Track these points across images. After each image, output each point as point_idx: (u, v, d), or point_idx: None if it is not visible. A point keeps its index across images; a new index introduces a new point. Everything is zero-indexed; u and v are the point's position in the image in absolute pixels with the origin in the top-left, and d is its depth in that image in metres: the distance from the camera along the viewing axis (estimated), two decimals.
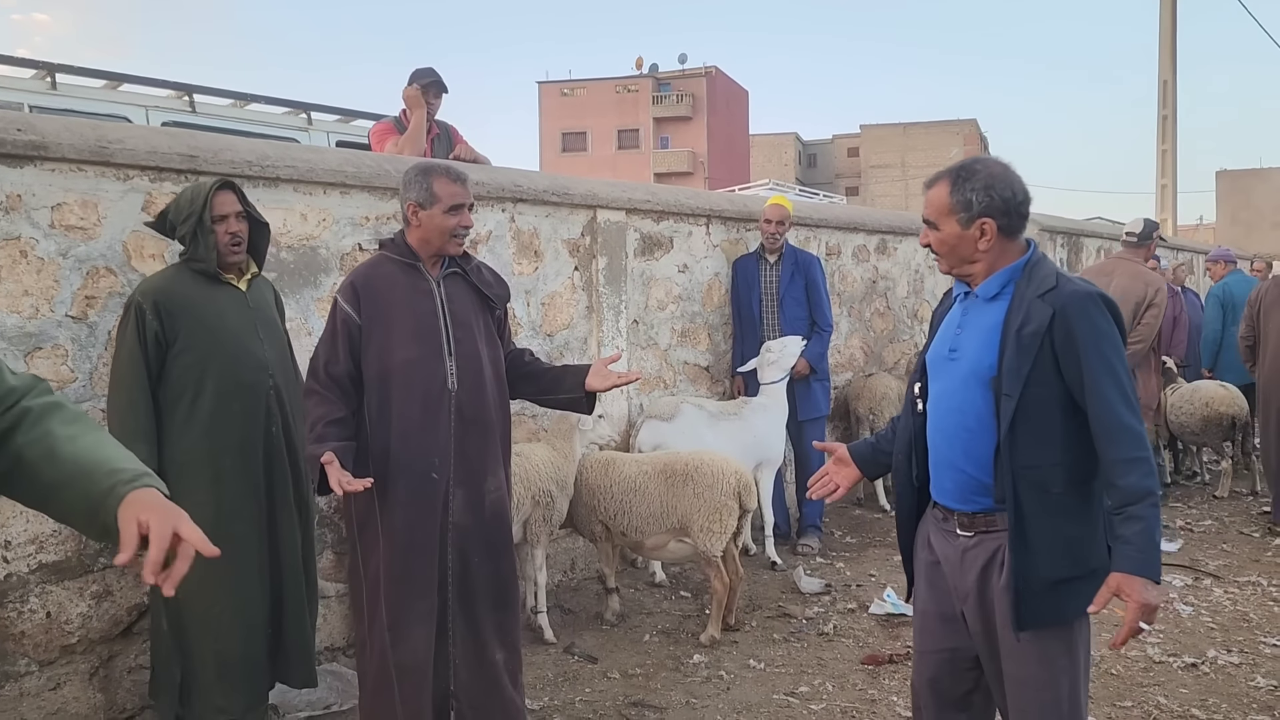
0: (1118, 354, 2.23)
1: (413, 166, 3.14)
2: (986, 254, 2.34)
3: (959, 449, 2.35)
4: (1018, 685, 2.33)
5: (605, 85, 55.71)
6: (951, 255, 2.38)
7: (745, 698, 3.85)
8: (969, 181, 2.31)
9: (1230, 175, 28.29)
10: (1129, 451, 2.17)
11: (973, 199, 2.30)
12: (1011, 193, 2.32)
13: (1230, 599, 5.08)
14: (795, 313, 5.93)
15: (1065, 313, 2.21)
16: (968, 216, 2.31)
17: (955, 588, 2.42)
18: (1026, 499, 2.24)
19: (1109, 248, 11.76)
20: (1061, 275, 2.32)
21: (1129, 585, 2.14)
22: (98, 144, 3.50)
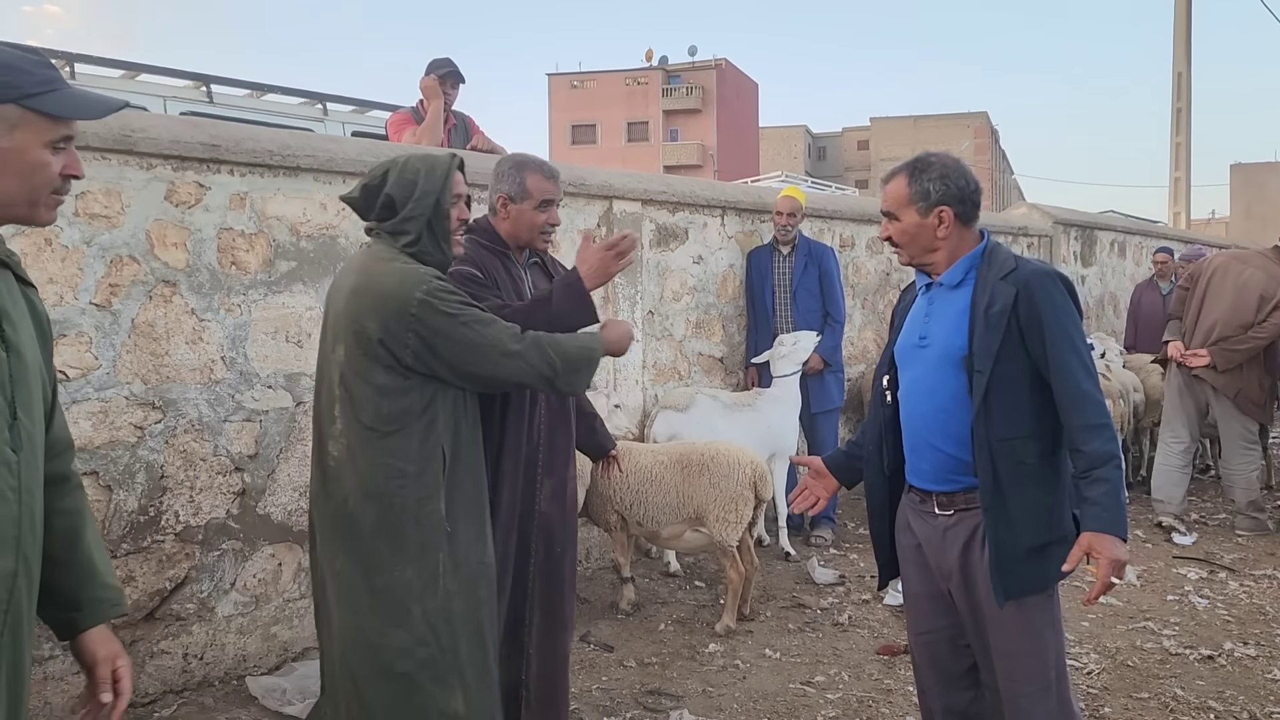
0: (1076, 328, 2.39)
1: (507, 158, 3.06)
2: (945, 241, 2.47)
3: (936, 430, 2.46)
4: (1006, 658, 2.44)
5: (615, 77, 55.66)
6: (912, 245, 2.49)
7: (761, 686, 3.87)
8: (925, 173, 2.44)
9: (1244, 169, 28.19)
10: (1092, 418, 2.32)
11: (930, 188, 2.43)
12: (965, 182, 2.46)
13: (1246, 592, 5.07)
14: (808, 304, 5.93)
15: (1028, 291, 2.35)
16: (926, 205, 2.43)
17: (939, 567, 2.53)
18: (1003, 470, 2.36)
19: (1122, 240, 11.73)
20: (1019, 257, 2.46)
21: (1099, 543, 2.27)
22: (121, 133, 3.52)
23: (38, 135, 1.54)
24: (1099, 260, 11.07)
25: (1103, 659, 4.13)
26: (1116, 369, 7.30)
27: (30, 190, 1.55)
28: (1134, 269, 11.84)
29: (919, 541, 2.57)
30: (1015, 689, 2.43)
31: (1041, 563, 2.37)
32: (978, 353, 2.36)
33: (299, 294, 4.01)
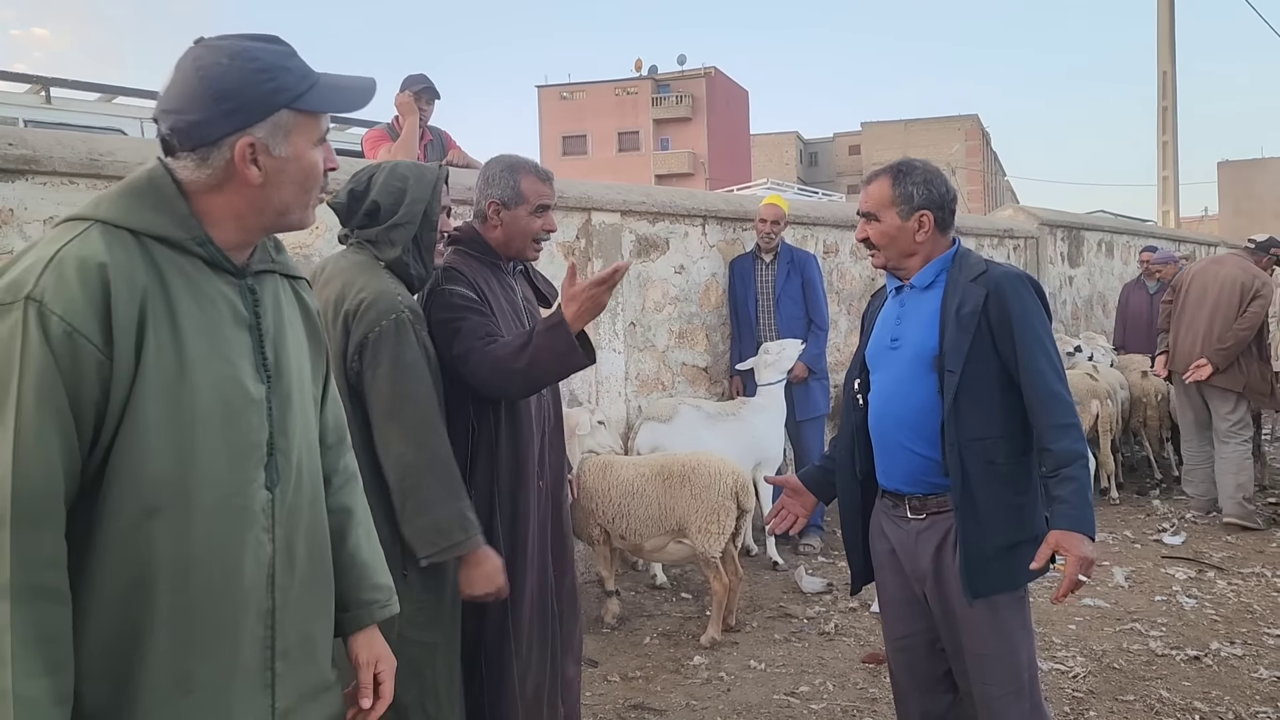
0: (1045, 329, 2.42)
1: (497, 160, 2.76)
2: (923, 246, 2.48)
3: (908, 430, 2.47)
4: (978, 660, 2.44)
5: (604, 88, 55.79)
6: (891, 247, 2.50)
7: (745, 698, 3.85)
8: (909, 177, 2.46)
9: (1232, 166, 28.23)
10: (1060, 418, 2.34)
11: (913, 192, 2.44)
12: (945, 189, 2.49)
13: (1234, 591, 5.05)
14: (792, 312, 5.92)
15: (998, 292, 2.38)
16: (908, 209, 2.45)
17: (912, 571, 2.53)
18: (973, 470, 2.37)
19: (1109, 240, 11.75)
20: (989, 261, 2.48)
21: (1067, 541, 2.29)
22: (89, 157, 3.51)
23: (308, 136, 1.48)
24: (1086, 261, 11.09)
25: (1089, 662, 4.11)
26: (1104, 369, 7.30)
27: (306, 194, 1.51)
28: (1122, 268, 11.85)
29: (892, 546, 2.57)
30: (988, 691, 2.43)
31: (1011, 562, 2.37)
32: (949, 353, 2.38)
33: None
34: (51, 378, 1.28)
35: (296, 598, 1.52)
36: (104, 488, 1.34)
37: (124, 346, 1.32)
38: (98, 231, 1.36)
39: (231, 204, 1.45)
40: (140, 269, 1.36)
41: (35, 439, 1.27)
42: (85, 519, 1.34)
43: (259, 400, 1.47)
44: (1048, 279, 10.07)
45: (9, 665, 1.23)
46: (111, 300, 1.31)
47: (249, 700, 1.47)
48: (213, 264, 1.45)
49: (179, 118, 1.42)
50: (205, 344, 1.41)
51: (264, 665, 1.48)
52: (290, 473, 1.51)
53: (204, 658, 1.41)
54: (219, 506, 1.41)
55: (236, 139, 1.42)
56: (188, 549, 1.38)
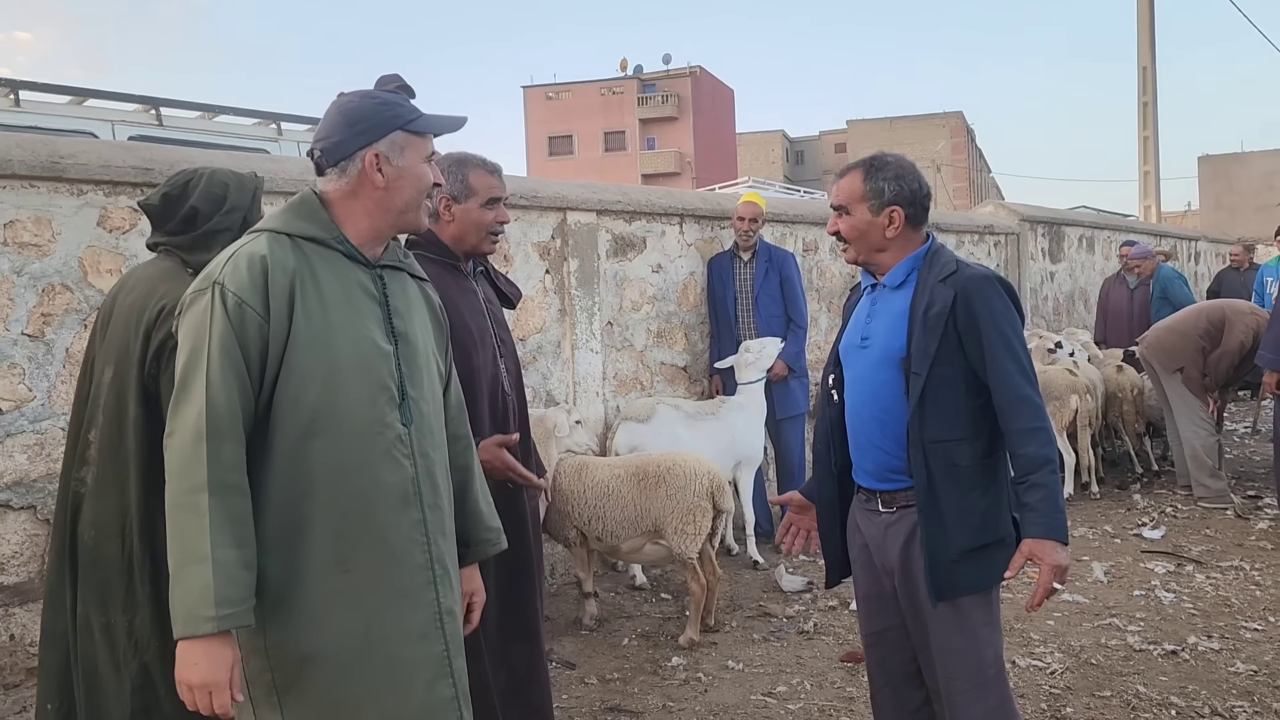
0: (1015, 331, 2.39)
1: (445, 157, 2.79)
2: (893, 241, 2.46)
3: (877, 429, 2.46)
4: (945, 654, 2.43)
5: (590, 88, 55.74)
6: (860, 241, 2.49)
7: (722, 699, 3.82)
8: (881, 171, 2.44)
9: (1212, 160, 28.37)
10: (1028, 422, 2.32)
11: (885, 187, 2.42)
12: (918, 185, 2.47)
13: (1212, 584, 5.06)
14: (771, 310, 5.90)
15: (966, 294, 2.36)
16: (879, 203, 2.43)
17: (882, 565, 2.53)
18: (936, 471, 2.36)
19: (1090, 236, 11.78)
20: (960, 261, 2.46)
21: (1040, 549, 2.28)
22: (50, 159, 3.47)
23: (418, 152, 1.95)
24: (1068, 256, 11.11)
25: (1066, 658, 4.11)
26: (1083, 364, 7.30)
27: (419, 197, 1.97)
28: (1103, 264, 11.89)
29: (865, 541, 2.57)
30: (952, 686, 2.42)
31: (977, 565, 2.36)
32: (915, 354, 2.36)
33: None
34: (229, 336, 1.79)
35: (438, 520, 1.97)
36: (273, 416, 1.83)
37: (278, 312, 1.82)
38: (264, 237, 1.88)
39: (364, 206, 1.93)
40: (292, 260, 1.86)
41: (220, 379, 1.77)
42: (261, 439, 1.83)
43: (388, 354, 1.92)
44: (1029, 275, 10.09)
45: (208, 537, 1.72)
46: (269, 281, 1.82)
47: (419, 593, 1.92)
48: (349, 257, 1.93)
49: (326, 142, 1.92)
50: (344, 311, 1.89)
51: (426, 565, 1.93)
52: (421, 419, 1.95)
53: (357, 546, 1.86)
54: (363, 431, 1.87)
55: (365, 152, 1.90)
56: (338, 461, 1.85)
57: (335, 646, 1.85)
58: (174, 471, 1.78)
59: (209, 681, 1.73)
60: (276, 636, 1.83)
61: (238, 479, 1.78)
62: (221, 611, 1.71)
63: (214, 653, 1.73)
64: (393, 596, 1.89)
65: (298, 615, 1.83)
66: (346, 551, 1.85)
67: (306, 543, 1.83)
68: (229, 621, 1.72)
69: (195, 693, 1.74)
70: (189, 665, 1.73)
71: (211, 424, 1.76)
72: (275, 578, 1.82)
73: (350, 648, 1.86)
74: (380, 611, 1.88)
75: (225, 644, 1.75)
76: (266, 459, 1.83)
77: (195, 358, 1.80)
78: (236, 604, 1.73)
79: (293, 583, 1.83)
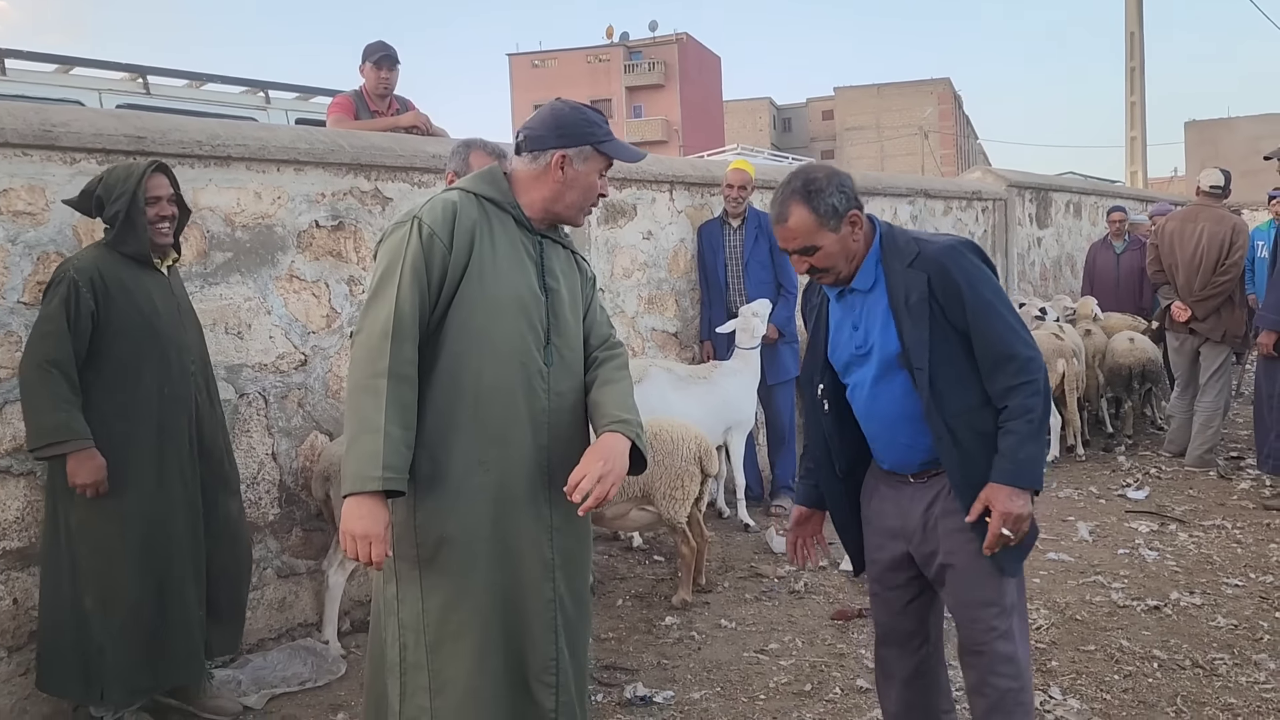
0: (993, 290, 2.40)
1: (458, 141, 3.36)
2: (860, 243, 2.43)
3: (897, 429, 2.49)
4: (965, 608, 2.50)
5: (576, 55, 55.27)
6: (838, 262, 2.42)
7: (716, 656, 3.90)
8: (821, 191, 2.36)
9: (1198, 126, 28.42)
10: (1011, 379, 2.35)
11: (835, 203, 2.36)
12: (847, 178, 2.42)
13: (1195, 542, 5.16)
14: (760, 276, 5.94)
15: (939, 271, 2.35)
16: (838, 220, 2.37)
17: (902, 527, 2.55)
18: (965, 441, 2.38)
19: (1077, 201, 11.83)
20: (918, 237, 2.43)
21: (994, 494, 2.32)
22: (42, 128, 3.46)
23: (596, 167, 2.34)
24: (1055, 222, 11.16)
25: (1052, 614, 4.20)
26: (1069, 330, 7.38)
27: (583, 200, 2.36)
28: (1090, 229, 11.94)
29: (884, 502, 2.59)
30: (975, 631, 2.47)
31: None
32: (912, 349, 2.36)
33: (236, 285, 3.96)
34: (419, 259, 2.19)
35: (564, 452, 2.31)
36: (443, 335, 2.23)
37: (460, 248, 2.23)
38: (457, 192, 2.33)
39: (541, 191, 2.33)
40: (476, 212, 2.29)
41: (409, 290, 2.17)
42: (432, 353, 2.23)
43: (540, 302, 2.32)
44: (1016, 240, 10.14)
45: (384, 414, 2.10)
46: (456, 221, 2.24)
47: (535, 506, 2.29)
48: (519, 222, 2.34)
49: (532, 132, 2.34)
50: (509, 261, 2.29)
51: (544, 485, 2.29)
52: (562, 363, 2.34)
53: (494, 452, 2.24)
54: (511, 359, 2.26)
55: (557, 152, 2.30)
56: (489, 381, 2.24)
57: (468, 533, 2.23)
58: (359, 361, 2.17)
59: (370, 533, 2.08)
60: (424, 517, 2.22)
61: (411, 373, 2.17)
62: (386, 474, 2.07)
63: (375, 510, 2.09)
64: (516, 501, 2.27)
65: (444, 502, 2.22)
66: (487, 455, 2.24)
67: (455, 443, 2.23)
68: (391, 484, 2.09)
69: (357, 542, 2.09)
70: (355, 518, 2.09)
71: (397, 324, 2.14)
72: (425, 469, 2.21)
73: (480, 535, 2.24)
74: (505, 510, 2.25)
75: (383, 505, 2.11)
76: (433, 370, 2.22)
77: (390, 272, 2.19)
78: (397, 471, 2.10)
79: (441, 475, 2.22)
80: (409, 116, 5.22)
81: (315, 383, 4.24)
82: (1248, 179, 19.67)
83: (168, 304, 3.28)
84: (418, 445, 2.18)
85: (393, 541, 2.18)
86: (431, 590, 2.24)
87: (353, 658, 3.93)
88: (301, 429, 4.19)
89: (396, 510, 2.20)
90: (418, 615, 2.25)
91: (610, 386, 2.43)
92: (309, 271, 4.22)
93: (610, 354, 2.50)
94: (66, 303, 3.05)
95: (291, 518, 4.13)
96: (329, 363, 4.29)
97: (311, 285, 4.24)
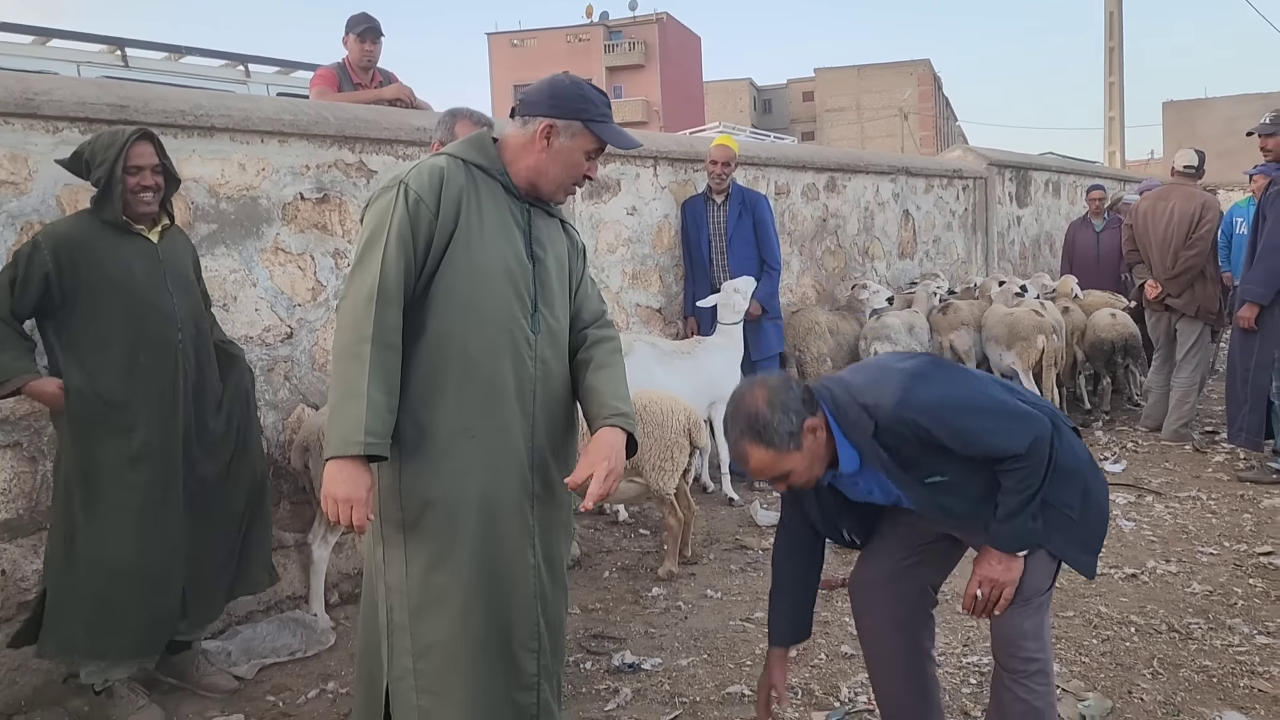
0: (959, 404, 2.32)
1: (445, 111, 3.39)
2: (824, 440, 2.35)
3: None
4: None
5: (556, 35, 54.92)
6: (814, 469, 2.37)
7: (702, 625, 3.95)
8: (769, 426, 2.27)
9: (1176, 106, 28.64)
10: (1008, 465, 2.31)
11: (787, 429, 2.28)
12: (792, 388, 2.33)
13: (1171, 513, 5.25)
14: (744, 252, 5.97)
15: (901, 430, 2.28)
16: (797, 439, 2.29)
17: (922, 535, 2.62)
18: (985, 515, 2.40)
19: (1056, 180, 11.91)
20: (865, 405, 2.32)
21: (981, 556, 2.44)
22: (24, 96, 3.42)
23: (583, 145, 2.32)
24: (1034, 200, 11.25)
25: None
26: (1049, 306, 7.45)
27: (564, 177, 2.34)
28: (1069, 208, 12.04)
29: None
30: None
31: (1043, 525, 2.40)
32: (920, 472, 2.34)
33: (221, 257, 3.95)
34: (405, 224, 2.19)
35: (546, 418, 2.36)
36: (429, 301, 2.24)
37: (447, 214, 2.23)
38: (444, 157, 2.32)
39: (527, 159, 2.32)
40: (463, 178, 2.29)
41: (394, 256, 2.17)
42: (417, 317, 2.24)
43: (527, 270, 2.32)
44: (996, 219, 10.21)
45: (366, 379, 2.10)
46: (444, 187, 2.24)
47: (519, 472, 2.32)
48: (507, 190, 2.34)
49: (528, 96, 2.34)
50: (496, 229, 2.30)
51: (529, 450, 2.33)
52: (548, 331, 2.35)
53: (480, 418, 2.26)
54: (497, 327, 2.27)
55: (545, 120, 2.29)
56: (476, 348, 2.26)
57: (452, 497, 2.26)
58: (344, 327, 2.19)
59: (351, 496, 2.11)
60: (409, 481, 2.25)
61: (395, 340, 2.17)
62: (369, 439, 2.09)
63: (357, 474, 2.11)
64: (500, 468, 2.29)
65: (428, 466, 2.24)
66: (472, 422, 2.25)
67: (441, 408, 2.24)
68: (373, 449, 2.11)
69: (339, 505, 2.11)
70: (336, 482, 2.11)
71: (382, 290, 2.15)
72: (410, 434, 2.23)
73: (464, 500, 2.26)
74: (490, 476, 2.28)
75: (366, 469, 2.13)
76: (419, 336, 2.24)
77: (375, 237, 2.20)
78: (380, 436, 2.12)
79: (426, 440, 2.24)
80: (392, 89, 5.19)
81: (301, 355, 4.24)
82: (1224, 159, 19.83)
83: (150, 271, 3.21)
84: (403, 410, 2.20)
85: (378, 506, 2.22)
86: (415, 554, 2.27)
87: (341, 629, 3.95)
88: (288, 402, 4.19)
89: (382, 474, 2.23)
90: (402, 579, 2.28)
91: (606, 372, 2.44)
92: (294, 244, 4.21)
93: (603, 334, 2.51)
94: (16, 262, 3.07)
95: (279, 490, 4.13)
96: (315, 335, 4.28)
97: (297, 258, 4.23)
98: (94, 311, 3.12)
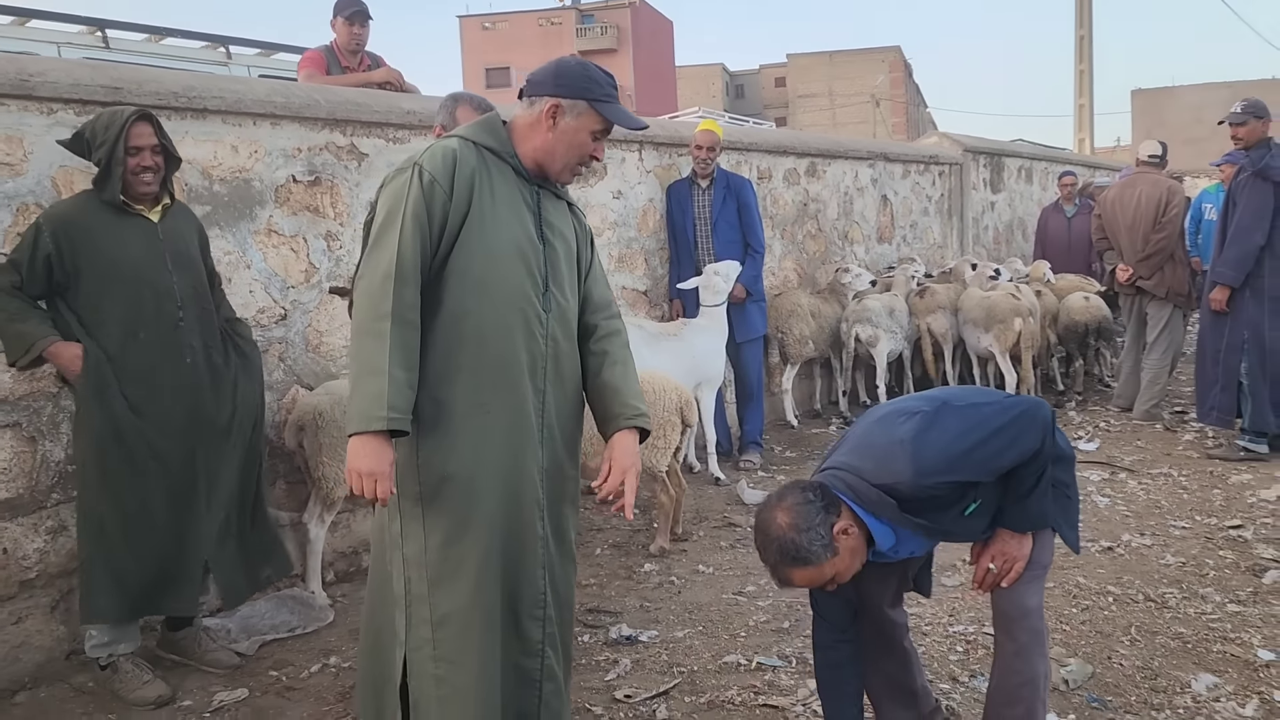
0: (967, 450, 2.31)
1: (447, 95, 3.47)
2: (858, 532, 2.35)
3: None
4: None
5: (528, 18, 54.55)
6: (855, 565, 2.37)
7: (696, 599, 4.04)
8: (803, 548, 2.27)
9: (1144, 94, 29.01)
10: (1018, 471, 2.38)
11: (819, 543, 2.27)
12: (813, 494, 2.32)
13: (1144, 489, 5.40)
14: (729, 236, 6.03)
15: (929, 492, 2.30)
16: (831, 547, 2.29)
17: None
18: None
19: (1029, 166, 12.08)
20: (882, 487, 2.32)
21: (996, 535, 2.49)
22: (18, 77, 3.42)
23: (588, 125, 2.35)
24: (1007, 186, 11.40)
25: None
26: (1024, 289, 7.59)
27: (570, 156, 2.38)
28: (1040, 194, 12.22)
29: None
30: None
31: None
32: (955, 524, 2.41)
33: (216, 239, 3.95)
34: (420, 204, 2.23)
35: (557, 396, 2.43)
36: (444, 280, 2.29)
37: (460, 194, 2.28)
38: (456, 140, 2.36)
39: (534, 140, 2.37)
40: (475, 160, 2.33)
41: (410, 235, 2.22)
42: (433, 296, 2.28)
43: (538, 250, 2.38)
44: (971, 205, 10.35)
45: (387, 356, 2.15)
46: (457, 169, 2.28)
47: (530, 447, 2.37)
48: (517, 172, 2.39)
49: (535, 76, 2.38)
50: (507, 210, 2.34)
51: (539, 426, 2.39)
52: (559, 310, 2.41)
53: (494, 395, 2.32)
54: (509, 306, 2.32)
55: (552, 99, 2.34)
56: (490, 326, 2.31)
57: (469, 471, 2.31)
58: (362, 305, 2.23)
59: (374, 470, 2.16)
60: (426, 456, 2.30)
61: (413, 317, 2.23)
62: (391, 414, 2.14)
63: (380, 448, 2.17)
64: (515, 443, 2.36)
65: (445, 441, 2.30)
66: (487, 398, 2.32)
67: (457, 385, 2.30)
68: (395, 424, 2.16)
69: (363, 479, 2.17)
70: (360, 456, 2.16)
71: (399, 268, 2.20)
72: (428, 410, 2.29)
73: (479, 474, 2.32)
74: (504, 451, 2.34)
75: (388, 444, 2.19)
76: (435, 315, 2.29)
77: (392, 217, 2.24)
78: (401, 411, 2.17)
79: (443, 416, 2.30)
80: (381, 73, 5.20)
81: (295, 337, 4.26)
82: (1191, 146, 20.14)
83: (149, 250, 3.24)
84: (420, 387, 2.25)
85: (396, 479, 2.25)
86: (433, 528, 2.32)
87: (339, 606, 4.00)
88: (282, 383, 4.21)
89: (400, 449, 2.27)
90: (420, 551, 2.33)
91: (622, 369, 2.51)
92: (287, 226, 4.23)
93: (615, 327, 2.57)
94: (23, 245, 3.17)
95: (274, 470, 4.16)
96: (308, 317, 4.31)
97: (290, 240, 4.25)
98: (95, 289, 3.18)
